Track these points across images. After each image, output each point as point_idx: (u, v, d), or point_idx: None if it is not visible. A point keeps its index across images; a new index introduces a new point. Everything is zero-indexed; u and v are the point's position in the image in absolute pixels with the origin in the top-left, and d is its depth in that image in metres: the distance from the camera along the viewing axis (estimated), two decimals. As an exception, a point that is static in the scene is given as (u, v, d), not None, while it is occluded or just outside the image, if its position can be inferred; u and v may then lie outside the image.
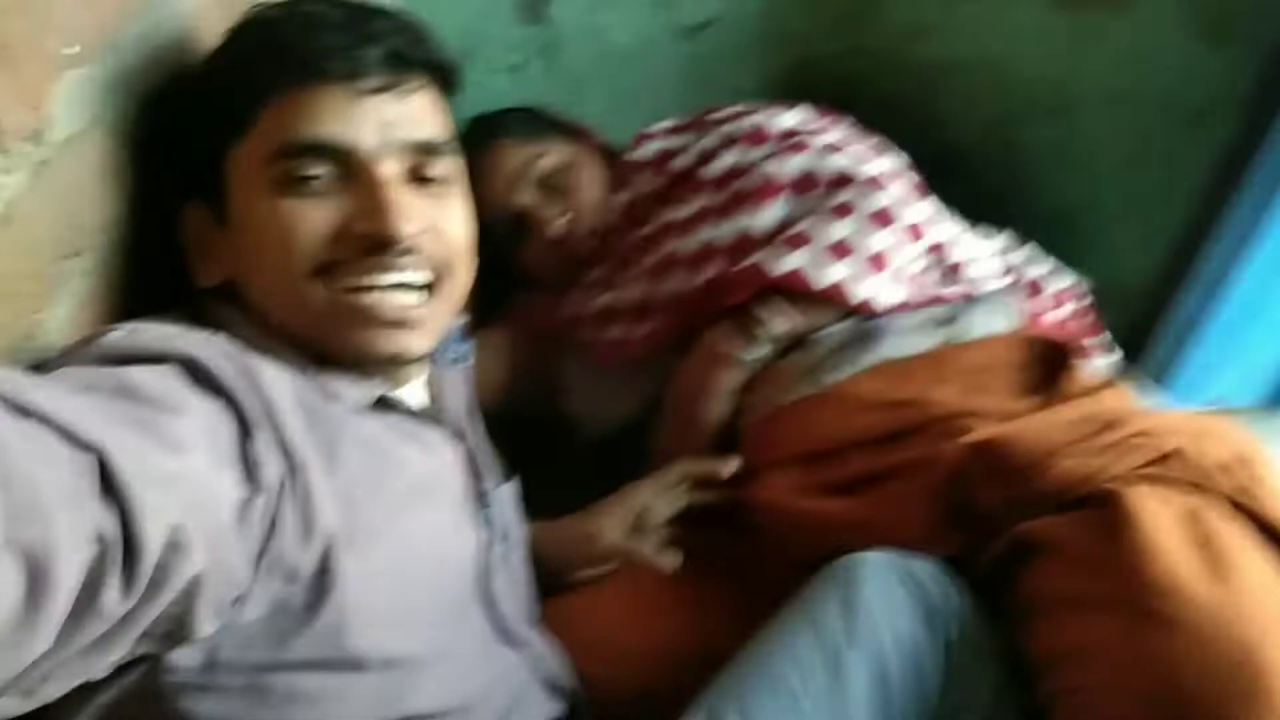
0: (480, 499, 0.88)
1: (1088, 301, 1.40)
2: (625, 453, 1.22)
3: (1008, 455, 0.89)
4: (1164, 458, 0.86)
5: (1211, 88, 1.49)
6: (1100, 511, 0.80)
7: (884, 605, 0.80)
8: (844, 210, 1.12)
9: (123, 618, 0.53)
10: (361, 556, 0.71)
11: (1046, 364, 1.06)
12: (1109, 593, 0.76)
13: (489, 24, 1.51)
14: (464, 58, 1.52)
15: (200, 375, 0.66)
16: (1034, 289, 1.32)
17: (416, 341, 0.78)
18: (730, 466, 1.08)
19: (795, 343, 1.13)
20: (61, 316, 0.69)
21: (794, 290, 1.10)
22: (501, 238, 1.21)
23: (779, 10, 1.49)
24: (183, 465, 0.58)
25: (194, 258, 0.78)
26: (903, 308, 1.12)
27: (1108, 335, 1.40)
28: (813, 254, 1.10)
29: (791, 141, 1.19)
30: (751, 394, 1.14)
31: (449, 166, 0.80)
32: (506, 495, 0.94)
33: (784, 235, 1.12)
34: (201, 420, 0.62)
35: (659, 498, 1.05)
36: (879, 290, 1.11)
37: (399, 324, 0.76)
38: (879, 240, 1.11)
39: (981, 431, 0.93)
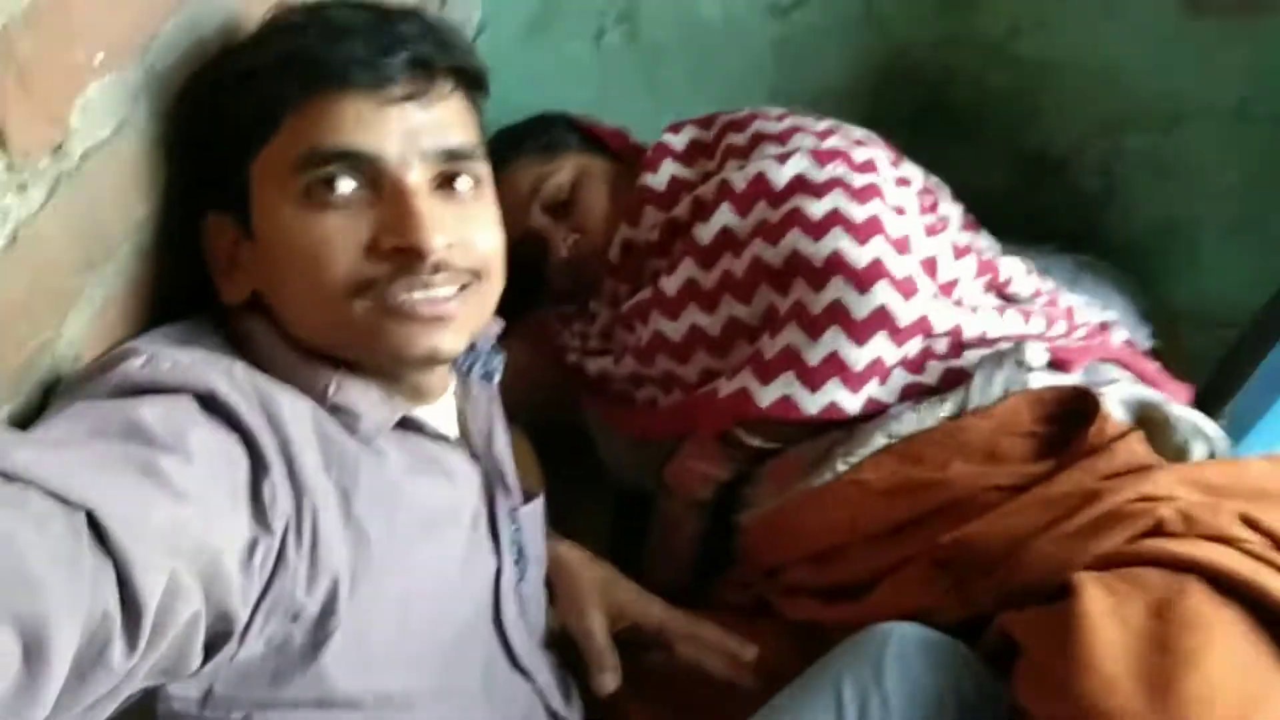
0: (495, 524, 0.87)
1: (1122, 335, 1.30)
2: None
3: (980, 551, 0.87)
4: (1157, 526, 0.82)
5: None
6: (1063, 610, 0.77)
7: (909, 683, 0.77)
8: (834, 314, 1.01)
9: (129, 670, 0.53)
10: (366, 596, 0.70)
11: (1064, 418, 0.99)
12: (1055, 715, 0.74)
13: (571, -13, 1.46)
14: (543, 23, 1.48)
15: (217, 409, 0.65)
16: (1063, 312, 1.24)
17: (450, 339, 0.74)
18: (750, 654, 0.96)
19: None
20: (79, 325, 0.68)
21: (784, 419, 1.03)
22: (521, 257, 1.18)
23: (877, -7, 1.41)
24: (185, 510, 0.57)
25: (217, 271, 0.76)
26: (907, 393, 1.04)
27: (1156, 368, 1.31)
28: (801, 375, 1.01)
29: (787, 207, 1.06)
30: (756, 487, 1.09)
31: (478, 173, 0.77)
32: (530, 512, 0.93)
33: (770, 350, 1.03)
34: (211, 460, 0.62)
35: (663, 632, 0.98)
36: (878, 394, 1.03)
37: (435, 319, 0.73)
38: (874, 348, 1.01)
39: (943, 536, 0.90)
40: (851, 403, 1.02)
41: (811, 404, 1.02)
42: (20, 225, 0.60)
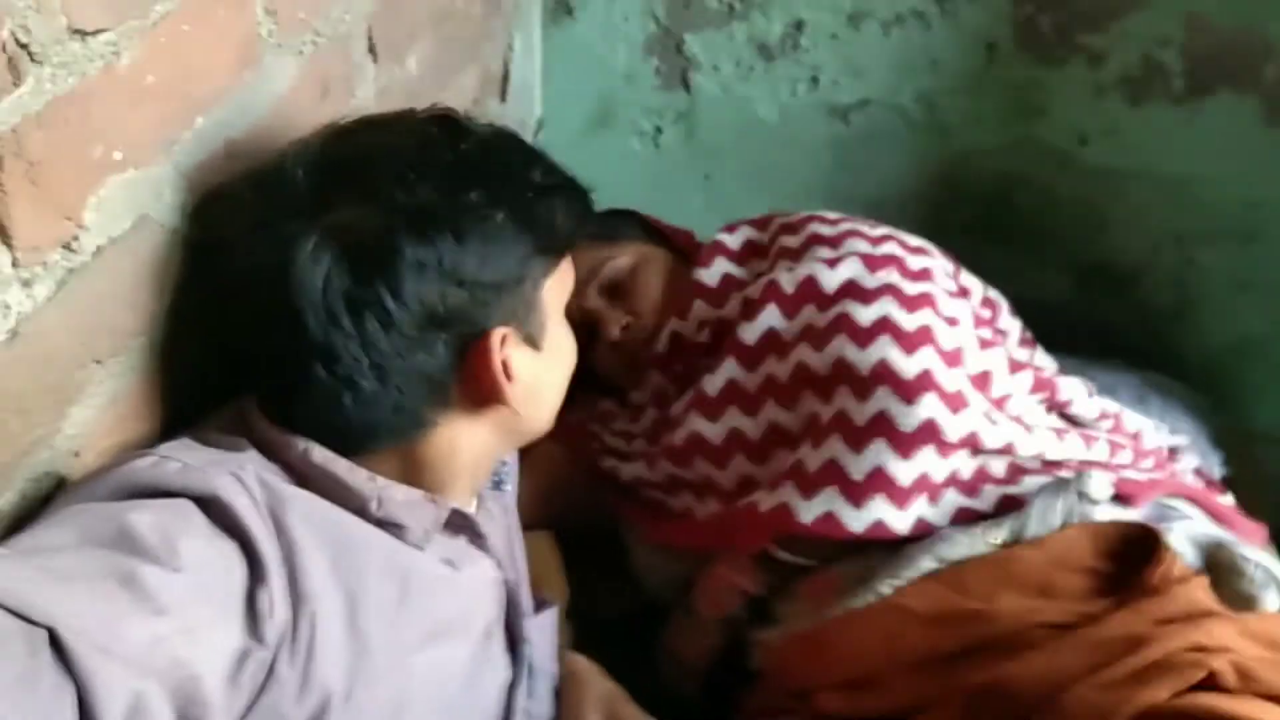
0: (513, 635, 0.84)
1: (1192, 461, 1.22)
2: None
3: (1018, 694, 0.82)
4: (1210, 679, 0.78)
5: None
6: None
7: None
8: (878, 426, 0.97)
9: None
10: (359, 701, 0.68)
11: (1125, 555, 0.93)
12: None
13: (630, 88, 1.47)
14: (601, 121, 1.49)
15: (218, 514, 0.64)
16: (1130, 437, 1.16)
17: None
18: None
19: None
20: (82, 419, 0.67)
21: (827, 536, 0.98)
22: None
23: (938, 97, 1.38)
24: (163, 625, 0.57)
25: (499, 378, 0.75)
26: (959, 517, 0.99)
27: (1230, 503, 1.22)
28: (844, 490, 0.97)
29: (835, 312, 1.03)
30: (788, 604, 1.03)
31: None
32: (541, 624, 0.89)
33: (813, 462, 0.99)
34: (201, 571, 0.61)
35: None
36: (927, 514, 0.98)
37: None
38: (920, 463, 0.96)
39: (985, 672, 0.85)
40: (900, 521, 0.97)
41: (856, 521, 0.97)
42: (22, 321, 0.59)
